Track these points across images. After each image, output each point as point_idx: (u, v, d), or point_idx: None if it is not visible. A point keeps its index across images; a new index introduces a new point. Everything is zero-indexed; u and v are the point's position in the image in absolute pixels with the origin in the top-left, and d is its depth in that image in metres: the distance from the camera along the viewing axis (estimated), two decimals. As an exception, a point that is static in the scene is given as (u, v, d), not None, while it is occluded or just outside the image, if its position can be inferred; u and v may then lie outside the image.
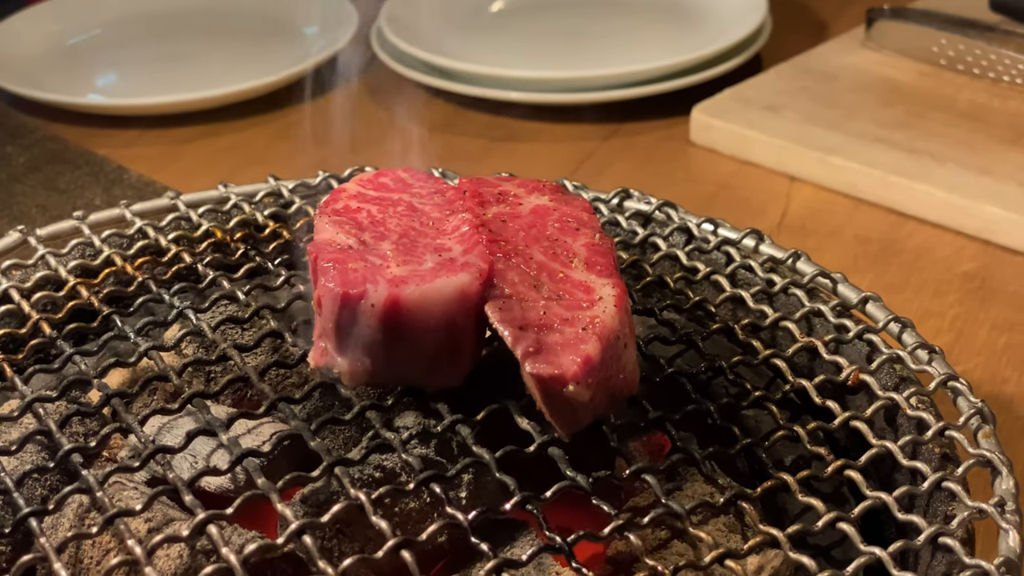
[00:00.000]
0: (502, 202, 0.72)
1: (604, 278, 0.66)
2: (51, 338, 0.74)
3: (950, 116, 1.24)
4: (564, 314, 0.64)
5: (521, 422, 0.66)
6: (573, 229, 0.70)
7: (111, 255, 0.82)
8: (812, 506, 0.63)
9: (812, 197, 1.18)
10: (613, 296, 0.65)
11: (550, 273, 0.66)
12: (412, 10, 1.50)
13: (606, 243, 0.69)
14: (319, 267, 0.66)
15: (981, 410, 0.68)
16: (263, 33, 1.54)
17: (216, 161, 1.30)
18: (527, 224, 0.70)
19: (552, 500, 0.61)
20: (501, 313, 0.63)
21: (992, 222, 1.10)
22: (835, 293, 0.79)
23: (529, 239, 0.69)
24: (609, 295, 0.65)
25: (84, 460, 0.64)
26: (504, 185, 0.74)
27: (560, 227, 0.70)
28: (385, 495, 0.61)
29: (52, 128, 1.36)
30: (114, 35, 1.56)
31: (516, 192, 0.73)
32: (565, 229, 0.70)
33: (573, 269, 0.67)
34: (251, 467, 0.63)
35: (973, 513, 0.62)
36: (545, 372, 0.61)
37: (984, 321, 1.01)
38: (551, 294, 0.65)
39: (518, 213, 0.71)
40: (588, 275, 0.66)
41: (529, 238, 0.69)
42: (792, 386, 0.72)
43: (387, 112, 1.39)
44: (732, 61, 1.37)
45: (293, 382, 0.75)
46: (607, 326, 0.63)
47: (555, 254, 0.68)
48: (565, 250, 0.68)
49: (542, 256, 0.68)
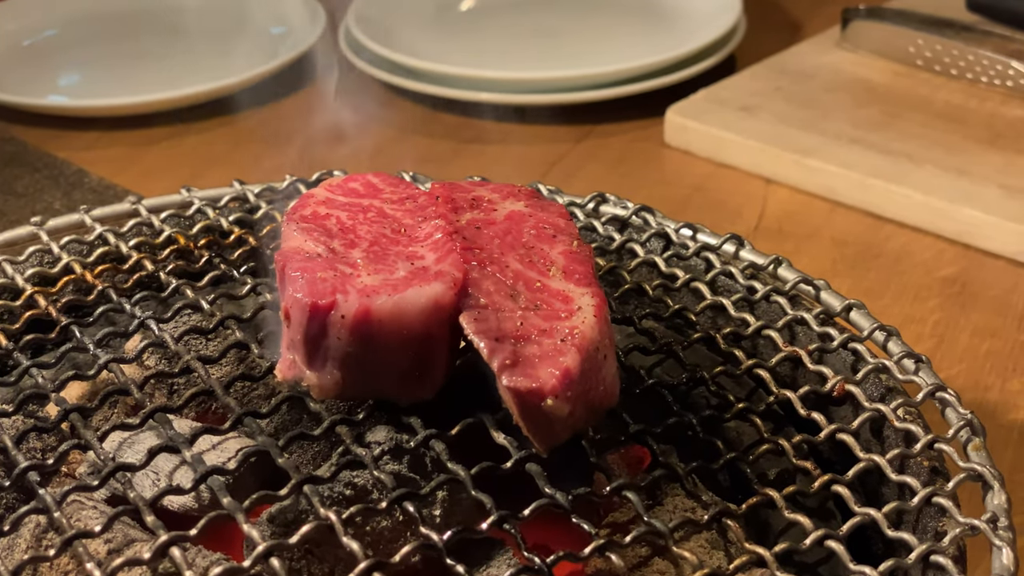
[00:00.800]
0: (476, 208, 0.70)
1: (583, 287, 0.64)
2: (7, 349, 0.72)
3: (927, 117, 1.23)
4: (542, 325, 0.61)
5: (497, 437, 0.63)
6: (550, 236, 0.68)
7: (70, 262, 0.80)
8: (798, 523, 0.61)
9: (789, 199, 1.17)
10: (592, 306, 0.63)
11: (527, 282, 0.64)
12: (381, 9, 1.48)
13: (584, 251, 0.67)
14: (287, 276, 0.64)
15: (971, 422, 0.66)
16: (228, 32, 1.51)
17: (179, 164, 1.27)
18: (502, 231, 0.68)
19: (530, 518, 0.59)
20: (476, 324, 0.61)
21: (971, 225, 1.08)
22: (818, 300, 0.77)
23: (504, 247, 0.66)
24: (588, 304, 0.63)
25: (41, 478, 0.62)
26: (478, 190, 0.72)
27: (536, 234, 0.68)
28: (356, 514, 0.59)
29: (10, 130, 1.33)
30: (73, 34, 1.53)
31: (490, 197, 0.71)
32: (541, 236, 0.68)
33: (551, 278, 0.65)
34: (216, 485, 0.60)
35: (965, 529, 0.60)
36: (522, 386, 0.59)
37: (965, 327, 0.99)
38: (528, 304, 0.63)
39: (493, 220, 0.69)
40: (566, 284, 0.64)
41: (504, 245, 0.67)
42: (776, 397, 0.70)
43: (355, 113, 1.36)
44: (706, 61, 1.36)
45: (260, 395, 0.73)
46: (587, 337, 0.61)
47: (532, 262, 0.66)
48: (542, 258, 0.66)
49: (518, 264, 0.65)
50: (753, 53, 1.40)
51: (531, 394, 0.59)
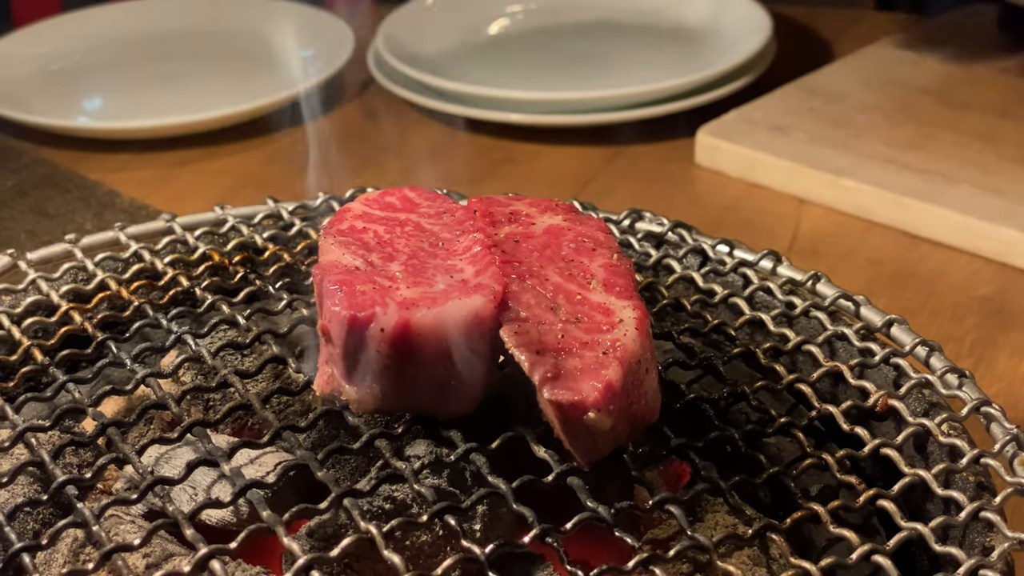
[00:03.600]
0: (514, 222, 0.69)
1: (624, 300, 0.64)
2: (43, 365, 0.72)
3: (961, 136, 1.22)
4: (583, 337, 0.61)
5: (538, 450, 0.63)
6: (589, 249, 0.67)
7: (105, 279, 0.80)
8: (843, 537, 0.60)
9: (822, 219, 1.16)
10: (634, 319, 0.62)
11: (567, 295, 0.64)
12: (409, 31, 1.48)
13: (624, 264, 0.66)
14: (325, 289, 0.63)
15: (1017, 436, 0.65)
16: (258, 55, 1.51)
17: (210, 184, 1.27)
18: (541, 244, 0.67)
19: (573, 532, 0.58)
20: (518, 337, 0.60)
21: (1009, 244, 1.07)
22: (858, 316, 0.77)
23: (544, 260, 0.66)
24: (630, 317, 0.62)
25: (79, 492, 0.61)
26: (515, 204, 0.71)
27: (576, 247, 0.67)
28: (396, 528, 0.58)
29: (41, 152, 1.34)
30: (103, 57, 1.54)
31: (528, 212, 0.71)
32: (581, 249, 0.67)
33: (591, 291, 0.64)
34: (255, 499, 0.60)
35: (1014, 544, 0.59)
36: (564, 399, 0.58)
37: (1004, 345, 0.98)
38: (569, 316, 0.62)
39: (531, 233, 0.68)
40: (607, 297, 0.64)
41: (544, 259, 0.66)
42: (818, 412, 0.69)
43: (385, 134, 1.36)
44: (737, 82, 1.35)
45: (296, 410, 0.73)
46: (629, 350, 0.60)
47: (571, 275, 0.65)
48: (582, 271, 0.65)
49: (558, 277, 0.65)
50: (784, 73, 1.39)
51: (573, 407, 0.58)
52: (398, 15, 1.51)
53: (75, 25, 1.58)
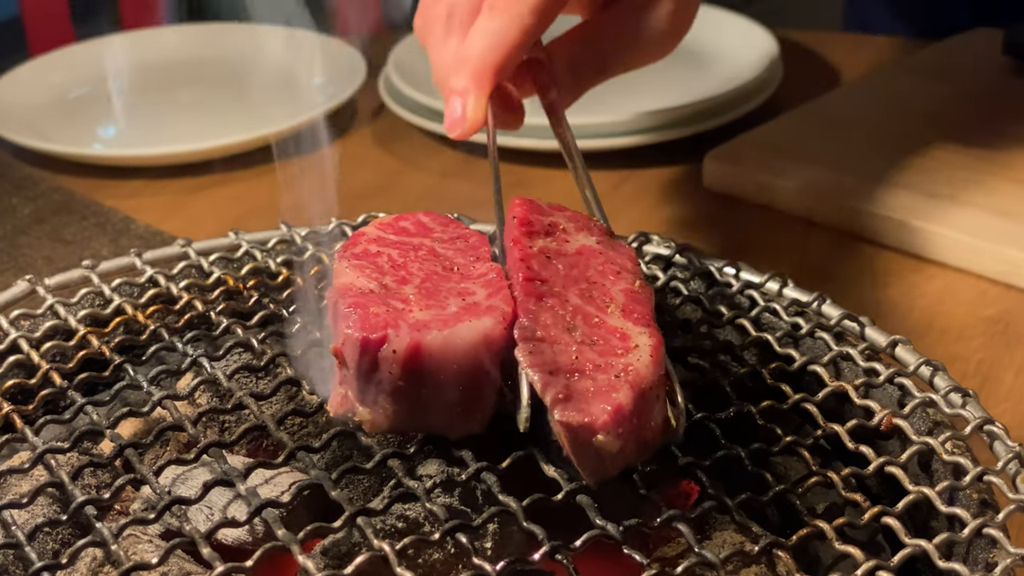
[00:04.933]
0: (550, 235, 0.70)
1: (641, 326, 0.65)
2: (62, 388, 0.73)
3: (968, 159, 1.23)
4: (597, 360, 0.62)
5: (548, 470, 0.64)
6: (614, 272, 0.68)
7: (122, 304, 0.81)
8: (848, 554, 0.61)
9: (830, 242, 1.17)
10: (649, 346, 0.63)
11: (585, 316, 0.65)
12: (420, 57, 1.49)
13: (646, 291, 0.68)
14: (339, 312, 0.65)
15: (1020, 454, 0.66)
16: (271, 83, 1.52)
17: (224, 211, 1.29)
18: (569, 264, 0.68)
19: (582, 549, 0.60)
20: (532, 357, 0.61)
21: (1015, 265, 1.08)
22: (862, 337, 0.78)
23: (568, 280, 0.67)
24: (645, 344, 0.63)
25: (97, 513, 0.62)
26: (555, 216, 0.72)
27: (601, 270, 0.68)
28: (409, 546, 0.60)
29: (58, 179, 1.35)
30: (119, 86, 1.55)
31: (566, 227, 0.71)
32: (606, 272, 0.68)
33: (609, 315, 0.65)
34: (270, 518, 0.61)
35: (1016, 560, 0.60)
36: (574, 420, 0.59)
37: (1010, 366, 0.99)
38: (584, 338, 0.63)
39: (564, 251, 0.69)
40: (624, 322, 0.65)
41: (568, 279, 0.67)
42: (823, 431, 0.70)
43: (397, 160, 1.37)
44: (745, 107, 1.36)
45: (310, 431, 0.74)
46: (641, 375, 0.61)
47: (592, 297, 0.66)
48: (603, 294, 0.66)
49: (578, 299, 0.66)
50: (791, 98, 1.40)
51: (582, 429, 0.60)
52: (409, 42, 1.53)
53: (90, 54, 1.59)
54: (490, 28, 0.71)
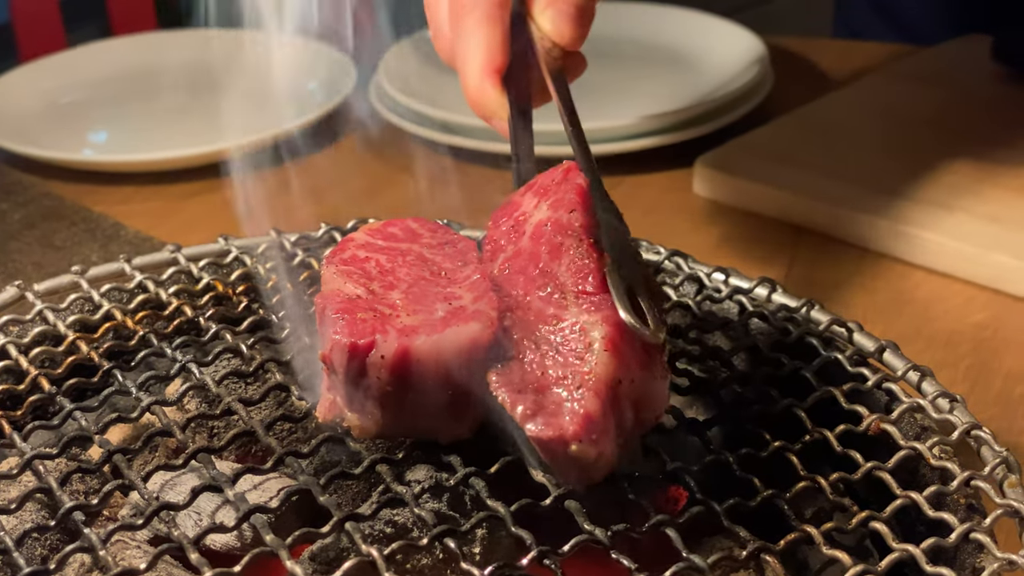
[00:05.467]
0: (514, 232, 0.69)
1: (593, 313, 0.62)
2: (50, 394, 0.73)
3: (956, 165, 1.23)
4: (560, 371, 0.61)
5: (536, 474, 0.64)
6: (557, 246, 0.66)
7: (111, 309, 0.81)
8: (837, 559, 0.61)
9: (819, 248, 1.17)
10: (602, 339, 0.61)
11: (546, 320, 0.63)
12: (411, 63, 1.49)
13: (585, 257, 0.65)
14: (327, 317, 0.65)
15: (1007, 459, 0.66)
16: (261, 89, 1.52)
17: (214, 216, 1.28)
18: (525, 261, 0.66)
19: (570, 554, 0.60)
20: (500, 378, 0.62)
21: (1003, 271, 1.08)
22: (851, 342, 0.78)
23: (528, 283, 0.65)
24: (599, 338, 0.62)
25: (86, 518, 0.62)
26: (524, 204, 0.71)
27: (549, 250, 0.66)
28: (398, 551, 0.60)
29: (48, 185, 1.35)
30: (109, 91, 1.55)
31: (524, 211, 0.70)
32: (553, 251, 0.66)
33: (566, 308, 0.64)
34: (258, 523, 0.61)
35: (1003, 564, 0.60)
36: (544, 435, 0.60)
37: (998, 371, 0.99)
38: (548, 347, 0.63)
39: (520, 249, 0.67)
40: (579, 313, 0.63)
41: (528, 281, 0.66)
42: (811, 436, 0.70)
43: (387, 166, 1.37)
44: (734, 113, 1.36)
45: (299, 437, 0.74)
46: (600, 377, 0.61)
47: (548, 294, 0.64)
48: (555, 285, 0.64)
49: (539, 301, 0.64)
50: (781, 104, 1.40)
51: (554, 442, 0.60)
52: (400, 48, 1.53)
53: (80, 59, 1.59)
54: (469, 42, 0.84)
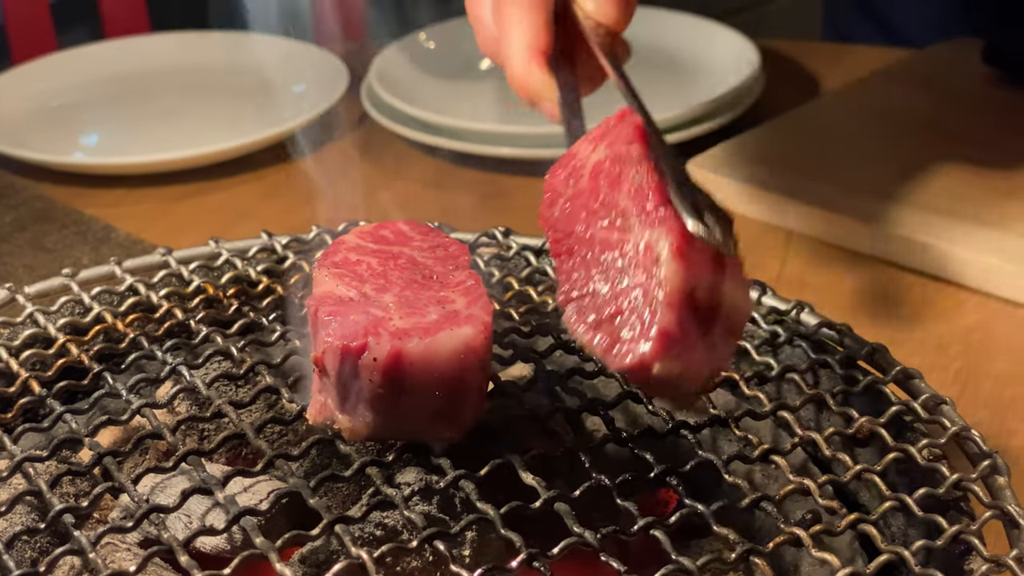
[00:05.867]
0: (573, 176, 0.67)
1: (656, 226, 0.61)
2: (41, 397, 0.73)
3: (947, 168, 1.23)
4: (632, 294, 0.61)
5: (526, 477, 0.64)
6: (616, 176, 0.64)
7: (101, 312, 0.81)
8: (826, 561, 0.61)
9: (810, 251, 1.17)
10: (668, 246, 0.60)
11: (611, 247, 0.63)
12: (402, 66, 1.50)
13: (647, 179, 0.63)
14: (319, 320, 0.65)
15: (996, 462, 0.66)
16: (253, 91, 1.52)
17: (205, 219, 1.29)
18: (586, 198, 0.65)
19: (560, 557, 0.60)
20: (577, 317, 0.62)
21: (993, 274, 1.08)
22: (841, 344, 0.78)
23: (589, 217, 0.64)
24: (665, 247, 0.60)
25: (76, 521, 0.62)
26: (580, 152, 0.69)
27: (609, 183, 0.65)
28: (387, 553, 0.60)
29: (39, 188, 1.35)
30: (101, 94, 1.55)
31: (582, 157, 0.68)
32: (612, 183, 0.65)
33: (628, 231, 0.62)
34: (248, 526, 0.61)
35: (992, 567, 0.60)
36: (624, 365, 0.60)
37: (989, 373, 0.99)
38: (617, 273, 0.62)
39: (580, 189, 0.66)
40: (643, 231, 0.61)
41: (589, 216, 0.65)
42: (801, 439, 0.70)
43: (379, 169, 1.37)
44: (726, 115, 1.36)
45: (289, 439, 0.74)
46: (674, 287, 0.59)
47: (612, 223, 0.63)
48: (617, 211, 0.63)
49: (603, 231, 0.63)
50: (772, 107, 1.40)
51: (637, 369, 0.59)
52: (392, 51, 1.53)
53: (71, 62, 1.59)
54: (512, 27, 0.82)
